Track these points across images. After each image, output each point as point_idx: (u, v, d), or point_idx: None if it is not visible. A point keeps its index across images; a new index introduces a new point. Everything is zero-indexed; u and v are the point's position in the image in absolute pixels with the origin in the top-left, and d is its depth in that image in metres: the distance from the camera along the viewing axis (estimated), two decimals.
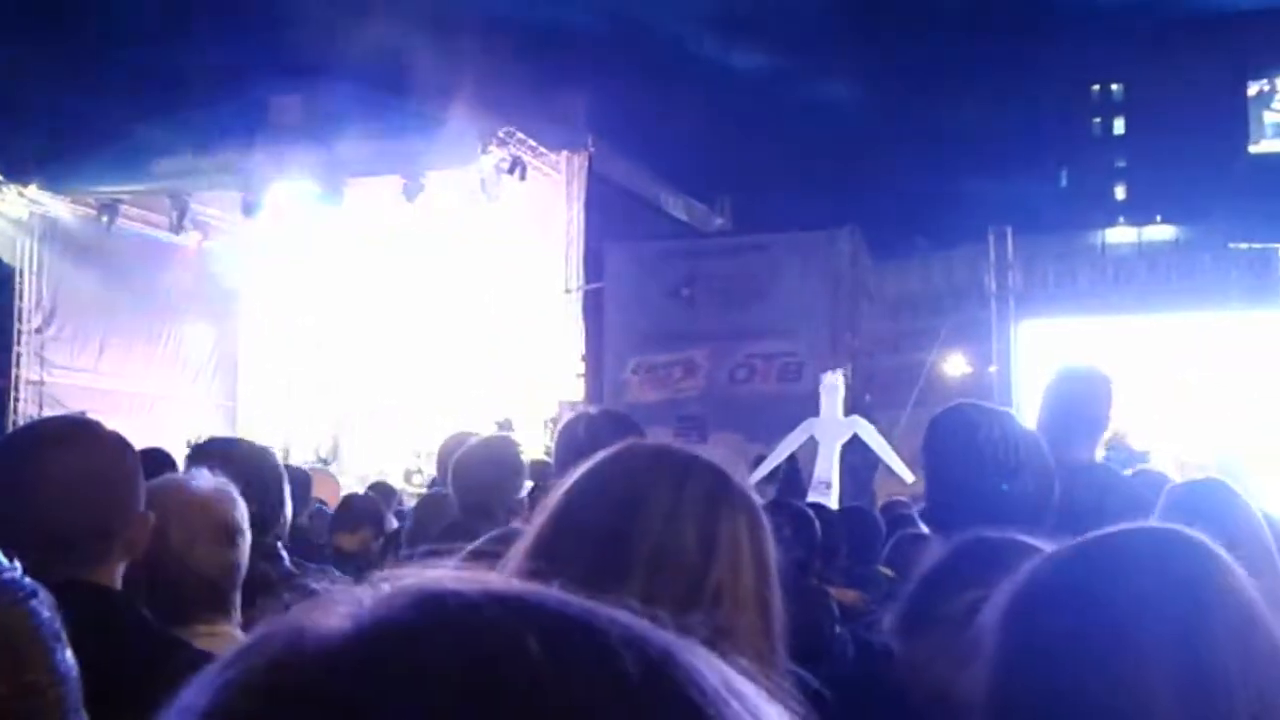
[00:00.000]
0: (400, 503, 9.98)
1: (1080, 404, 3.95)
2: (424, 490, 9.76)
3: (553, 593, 0.56)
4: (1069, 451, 3.59)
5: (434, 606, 0.52)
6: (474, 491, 4.19)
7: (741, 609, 1.56)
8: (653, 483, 1.61)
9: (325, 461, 16.57)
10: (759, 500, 1.69)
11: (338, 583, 0.64)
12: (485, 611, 0.52)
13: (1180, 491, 2.92)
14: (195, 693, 0.53)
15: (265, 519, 3.28)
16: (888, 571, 6.28)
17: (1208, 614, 1.27)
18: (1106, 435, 4.16)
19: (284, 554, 3.66)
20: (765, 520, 1.65)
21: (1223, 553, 1.36)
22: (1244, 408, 18.06)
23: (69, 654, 1.42)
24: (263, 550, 3.12)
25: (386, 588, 0.54)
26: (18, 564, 1.46)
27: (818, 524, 5.06)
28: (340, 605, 0.53)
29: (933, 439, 3.01)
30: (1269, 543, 2.73)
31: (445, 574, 0.56)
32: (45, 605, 1.42)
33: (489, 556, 1.40)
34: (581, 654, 0.52)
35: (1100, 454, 4.10)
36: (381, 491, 9.00)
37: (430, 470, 11.37)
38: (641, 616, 0.56)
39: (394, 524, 7.00)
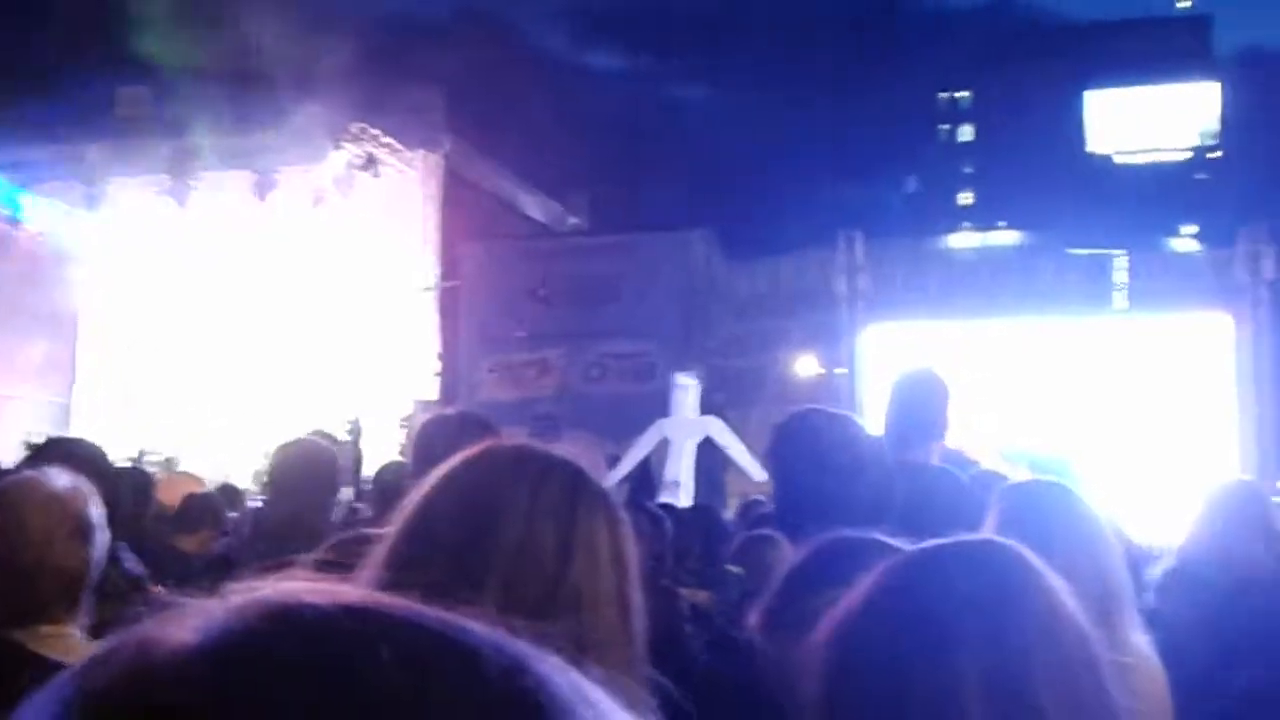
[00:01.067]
0: (246, 504, 9.79)
1: (917, 407, 4.03)
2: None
3: (406, 603, 0.55)
4: (908, 453, 3.67)
5: (286, 619, 0.51)
6: (287, 499, 4.12)
7: (601, 611, 1.57)
8: (510, 485, 1.60)
9: (171, 463, 16.17)
10: (617, 499, 1.70)
11: (186, 589, 0.63)
12: (338, 624, 0.51)
13: (1012, 493, 3.00)
14: (39, 707, 0.51)
15: (108, 520, 3.22)
16: (737, 570, 6.35)
17: (1016, 616, 1.35)
18: (939, 445, 4.25)
19: (125, 555, 3.58)
20: (625, 519, 1.66)
21: (1031, 556, 1.43)
22: (1080, 409, 18.65)
23: None
24: (107, 552, 3.06)
25: (237, 599, 0.53)
26: None
27: (669, 523, 5.09)
28: (190, 618, 0.52)
29: (779, 444, 3.06)
30: (1099, 541, 2.82)
31: (299, 585, 0.54)
32: None
33: (341, 566, 1.40)
34: (434, 665, 0.51)
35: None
36: (227, 494, 8.82)
37: None
38: (497, 625, 0.55)
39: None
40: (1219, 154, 55.71)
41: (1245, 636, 3.87)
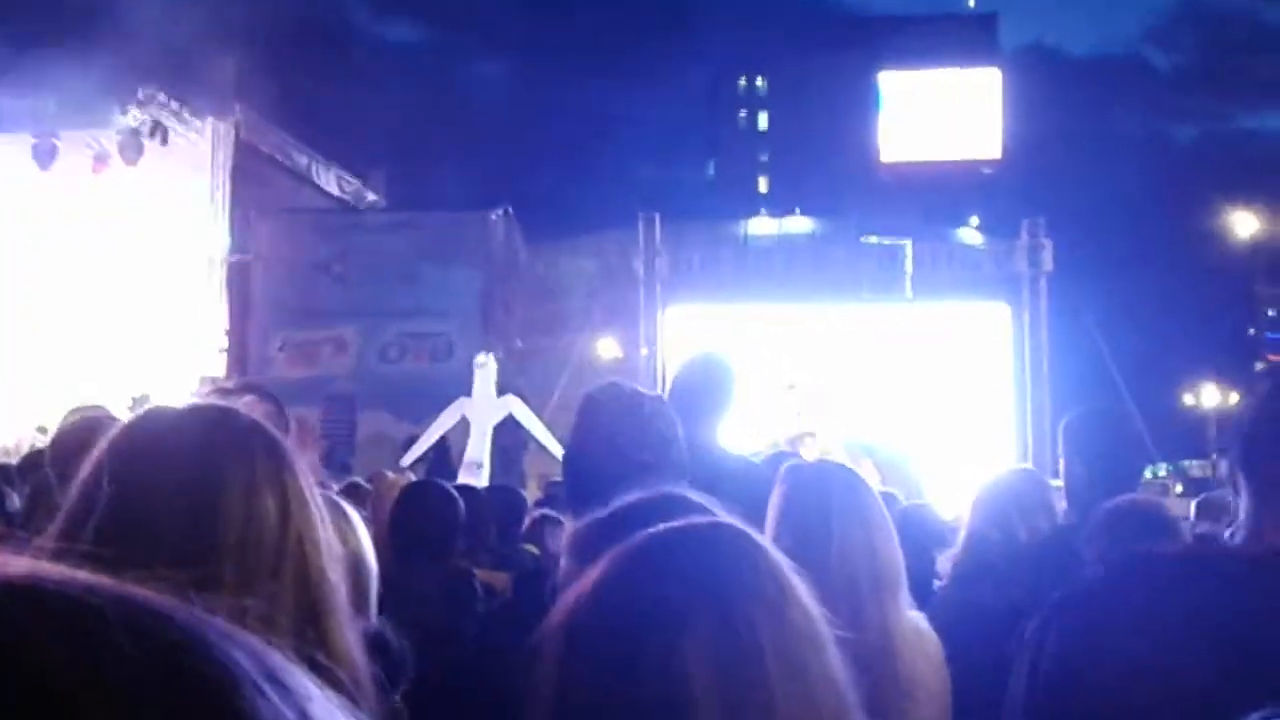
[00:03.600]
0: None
1: (702, 388, 4.10)
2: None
3: (74, 576, 0.52)
4: (693, 433, 3.70)
5: None
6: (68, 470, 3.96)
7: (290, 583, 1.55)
8: (221, 453, 1.58)
9: None
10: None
11: None
12: (15, 603, 0.49)
13: (794, 473, 3.06)
14: None
15: None
16: (533, 549, 6.37)
17: (744, 598, 1.38)
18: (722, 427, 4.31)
19: None
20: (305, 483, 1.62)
21: (759, 538, 1.49)
22: (873, 395, 19.17)
23: None
24: None
25: None
26: None
27: (461, 504, 5.04)
28: None
29: (579, 416, 3.05)
30: (876, 522, 2.90)
31: None
32: None
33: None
34: (115, 650, 0.48)
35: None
36: (2, 475, 8.41)
37: None
38: (183, 597, 0.53)
39: (16, 505, 6.56)
40: (1001, 148, 57.86)
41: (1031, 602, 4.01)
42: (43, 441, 15.30)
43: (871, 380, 19.54)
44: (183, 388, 15.13)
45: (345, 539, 2.57)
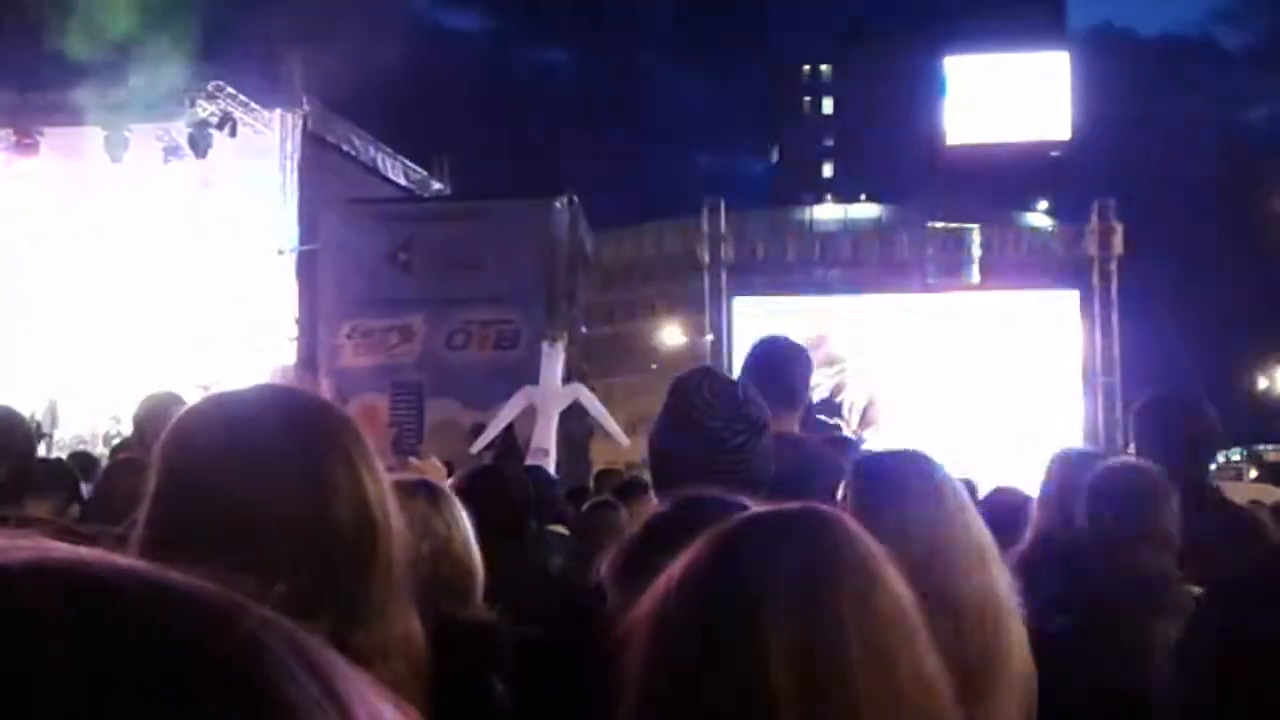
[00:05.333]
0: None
1: (778, 374, 3.94)
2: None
3: (125, 564, 0.51)
4: (775, 422, 3.67)
5: None
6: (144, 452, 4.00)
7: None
8: (275, 440, 1.55)
9: (41, 428, 15.62)
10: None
11: None
12: (20, 584, 0.48)
13: (866, 461, 3.03)
14: None
15: None
16: (561, 530, 6.40)
17: (828, 584, 1.36)
18: (800, 413, 4.25)
19: None
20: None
21: (852, 524, 1.46)
22: (939, 382, 19.04)
23: None
24: None
25: None
26: None
27: (531, 487, 5.06)
28: None
29: (682, 393, 3.00)
30: (957, 512, 2.86)
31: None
32: None
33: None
34: (127, 631, 0.48)
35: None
36: (81, 462, 8.54)
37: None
38: (240, 587, 0.53)
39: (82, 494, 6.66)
40: (1070, 130, 57.12)
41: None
42: (116, 430, 15.57)
43: (938, 368, 19.40)
44: (254, 377, 15.31)
45: (430, 526, 2.58)
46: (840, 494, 2.84)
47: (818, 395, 16.98)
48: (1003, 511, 4.60)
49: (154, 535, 1.46)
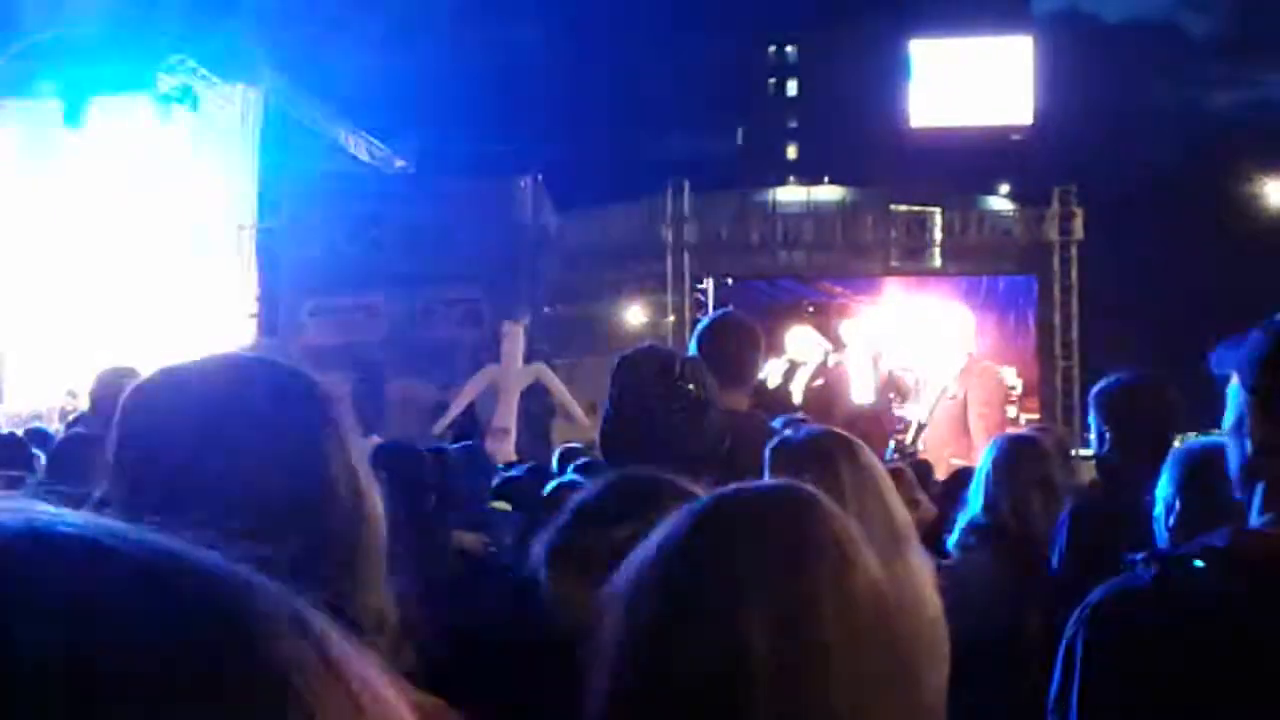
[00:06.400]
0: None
1: (731, 352, 3.97)
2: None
3: (111, 525, 0.52)
4: (721, 398, 3.69)
5: None
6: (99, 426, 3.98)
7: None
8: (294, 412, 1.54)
9: None
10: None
11: None
12: (18, 546, 0.49)
13: (784, 441, 3.06)
14: None
15: None
16: (503, 505, 6.27)
17: (808, 561, 1.38)
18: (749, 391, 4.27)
19: None
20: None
21: (828, 501, 1.46)
22: (907, 365, 19.10)
23: None
24: None
25: None
26: None
27: (429, 462, 4.93)
28: None
29: (616, 375, 3.03)
30: (886, 486, 2.90)
31: None
32: None
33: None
34: (122, 592, 0.49)
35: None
36: (36, 438, 8.48)
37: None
38: (228, 547, 0.54)
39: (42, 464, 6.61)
40: (1033, 115, 57.38)
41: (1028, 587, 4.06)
42: (72, 405, 15.46)
43: (901, 351, 19.46)
44: (213, 352, 15.21)
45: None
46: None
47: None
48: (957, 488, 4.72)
49: (124, 503, 1.44)
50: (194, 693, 0.48)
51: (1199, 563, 1.80)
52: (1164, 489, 3.10)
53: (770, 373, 15.65)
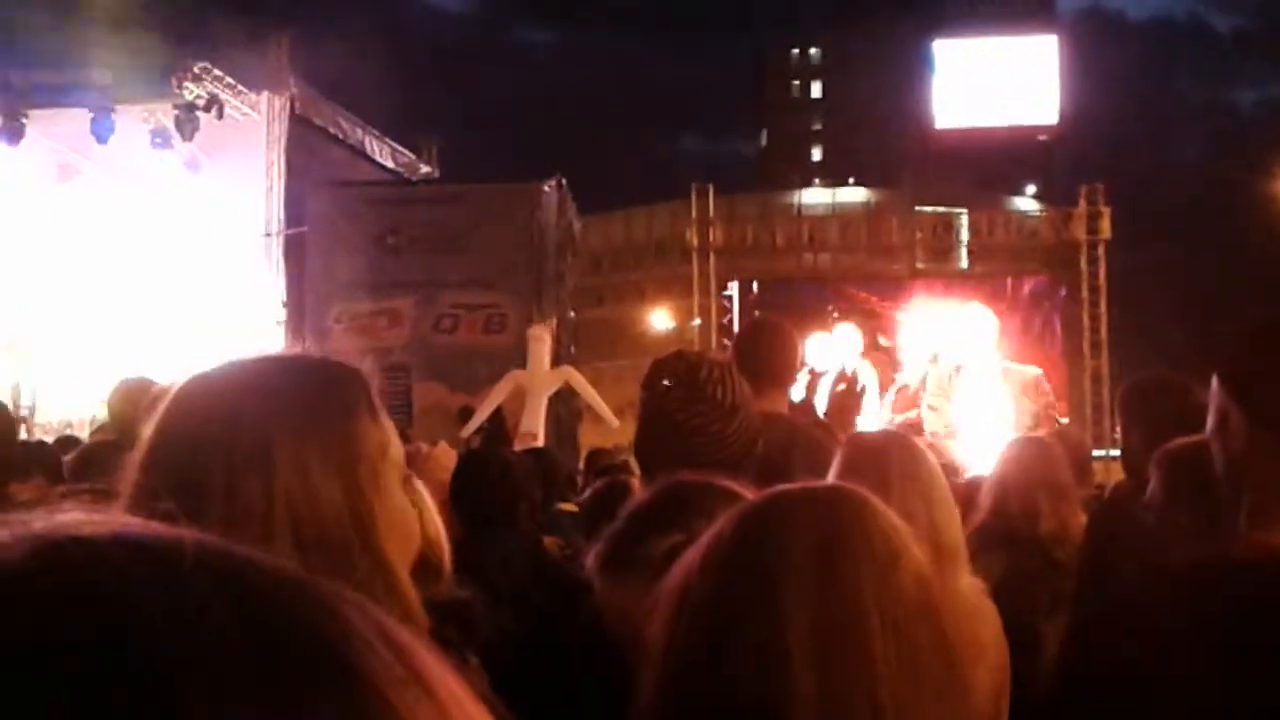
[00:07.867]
0: None
1: (768, 355, 4.00)
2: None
3: (196, 537, 0.51)
4: (760, 403, 3.67)
5: (51, 551, 0.48)
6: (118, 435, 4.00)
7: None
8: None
9: (19, 410, 15.56)
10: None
11: None
12: (110, 557, 0.49)
13: (855, 441, 3.06)
14: None
15: None
16: (571, 508, 6.43)
17: (850, 561, 1.38)
18: (787, 394, 4.28)
19: None
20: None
21: (876, 502, 1.47)
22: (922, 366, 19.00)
23: None
24: None
25: (4, 533, 0.50)
26: None
27: (518, 471, 5.04)
28: None
29: (651, 379, 3.01)
30: (935, 491, 2.90)
31: (76, 517, 0.51)
32: None
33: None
34: (214, 603, 0.48)
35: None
36: (66, 446, 8.52)
37: None
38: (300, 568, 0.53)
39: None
40: (1059, 114, 57.16)
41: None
42: (104, 415, 15.52)
43: (922, 351, 19.37)
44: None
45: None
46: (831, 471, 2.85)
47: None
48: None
49: (165, 508, 1.45)
50: (289, 705, 0.47)
51: (1216, 568, 1.78)
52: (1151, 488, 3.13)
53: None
